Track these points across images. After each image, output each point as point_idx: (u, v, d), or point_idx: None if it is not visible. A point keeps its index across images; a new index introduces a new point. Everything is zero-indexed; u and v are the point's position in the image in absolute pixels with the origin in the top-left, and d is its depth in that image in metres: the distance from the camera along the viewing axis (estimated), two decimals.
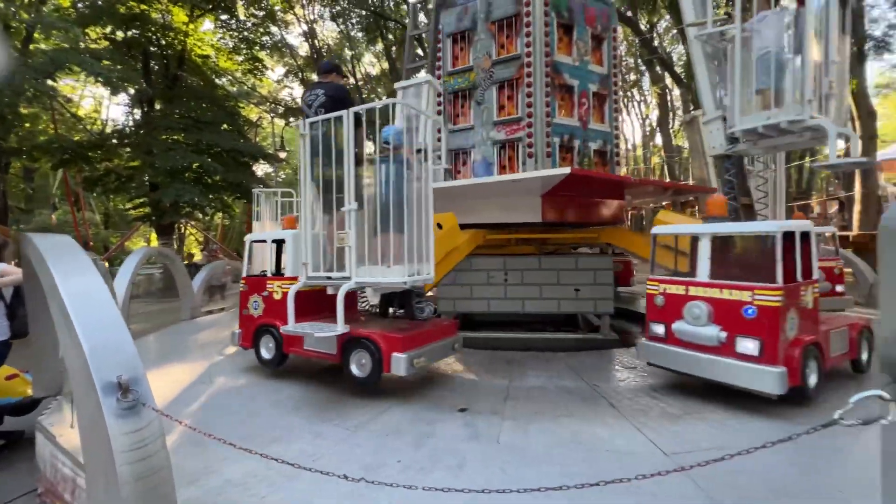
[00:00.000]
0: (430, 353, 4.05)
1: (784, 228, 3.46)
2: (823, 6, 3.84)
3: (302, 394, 4.10)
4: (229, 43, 19.70)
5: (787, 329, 3.39)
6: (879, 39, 19.25)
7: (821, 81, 3.86)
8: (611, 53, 7.02)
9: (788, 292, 3.40)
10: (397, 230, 3.58)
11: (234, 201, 18.86)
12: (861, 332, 4.22)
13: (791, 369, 3.32)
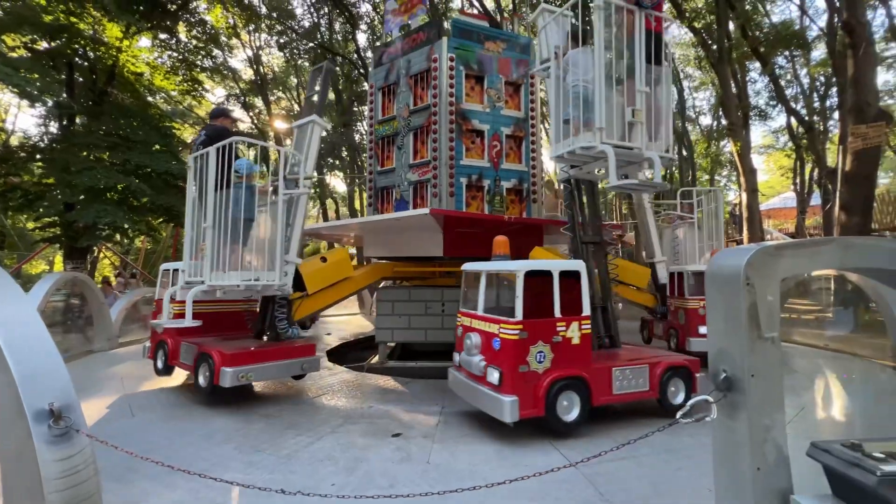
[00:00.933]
0: (264, 371, 4.69)
1: (528, 268, 3.70)
2: (621, 41, 4.12)
3: (234, 425, 4.05)
4: (167, 62, 19.06)
5: (531, 363, 3.58)
6: (761, 109, 22.81)
7: (622, 112, 4.07)
8: (528, 98, 7.49)
9: (531, 327, 3.59)
10: (234, 241, 4.41)
11: (162, 225, 17.76)
12: (666, 371, 4.13)
13: (524, 399, 3.51)
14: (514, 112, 7.41)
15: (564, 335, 3.73)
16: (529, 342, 3.61)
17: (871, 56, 10.40)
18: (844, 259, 1.74)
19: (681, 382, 4.25)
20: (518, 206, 7.36)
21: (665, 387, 4.17)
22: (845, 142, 10.30)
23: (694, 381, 4.31)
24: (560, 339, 3.72)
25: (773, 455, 1.64)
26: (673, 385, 4.23)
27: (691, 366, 4.31)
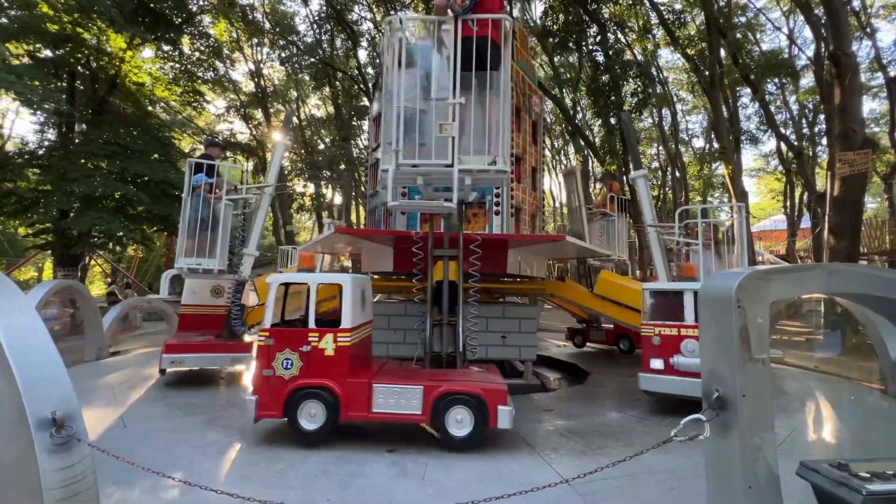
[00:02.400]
0: (195, 360, 5.85)
1: (280, 281, 4.16)
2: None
3: (228, 438, 4.02)
4: (169, 73, 19.26)
5: (277, 368, 3.89)
6: (752, 133, 23.37)
7: (431, 127, 3.78)
8: None
9: (278, 335, 3.92)
10: (189, 236, 5.73)
11: (156, 233, 17.70)
12: (443, 397, 3.77)
13: (265, 400, 3.84)
14: None
15: (316, 346, 3.90)
16: (276, 349, 3.90)
17: (856, 85, 10.77)
18: (830, 284, 1.82)
19: (468, 413, 3.76)
20: (482, 220, 7.13)
21: (442, 414, 3.77)
22: (834, 168, 10.58)
23: (491, 414, 3.72)
24: (309, 348, 3.89)
25: (764, 474, 1.69)
26: (458, 414, 3.79)
27: (487, 396, 3.76)
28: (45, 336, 2.25)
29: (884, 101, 22.68)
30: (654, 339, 5.02)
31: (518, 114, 7.66)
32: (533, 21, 20.70)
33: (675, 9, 17.53)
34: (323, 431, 3.82)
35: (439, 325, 4.95)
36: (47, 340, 2.25)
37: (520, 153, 7.57)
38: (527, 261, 7.47)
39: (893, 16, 21.54)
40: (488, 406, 3.75)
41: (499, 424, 3.72)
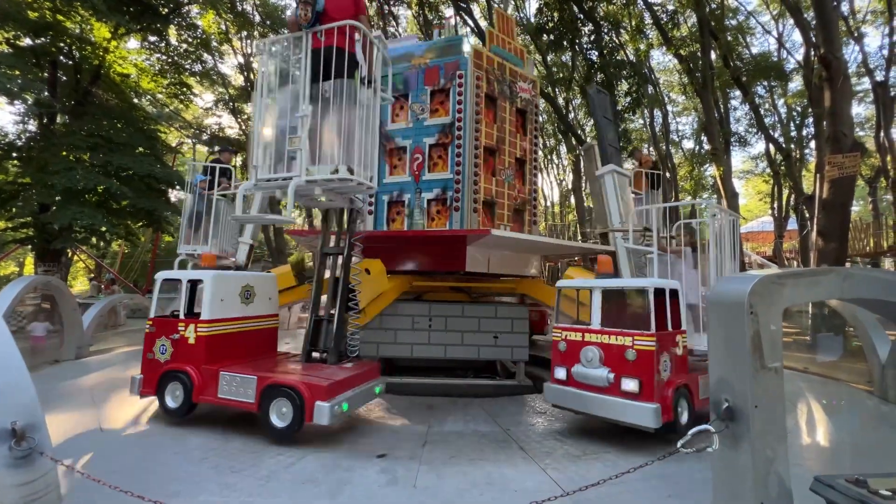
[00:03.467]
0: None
1: (162, 277, 4.94)
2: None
3: (211, 443, 3.86)
4: (155, 65, 18.82)
5: (156, 352, 4.60)
6: (741, 135, 23.59)
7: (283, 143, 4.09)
8: (455, 99, 6.91)
9: (158, 324, 4.63)
10: (188, 226, 6.38)
11: (141, 229, 17.30)
12: (269, 388, 3.92)
13: (146, 380, 4.53)
14: (441, 118, 7.02)
15: (182, 334, 4.46)
16: (156, 336, 4.57)
17: (846, 89, 10.85)
18: (844, 289, 1.74)
19: (288, 404, 3.83)
20: (445, 217, 6.89)
21: (267, 404, 3.90)
22: (823, 170, 10.66)
23: (308, 408, 3.74)
24: (178, 336, 4.46)
25: (776, 489, 1.61)
26: (282, 406, 3.86)
27: (306, 391, 3.78)
28: (6, 339, 2.08)
29: (870, 106, 23.06)
30: (560, 345, 4.50)
31: (493, 102, 7.19)
32: (527, 19, 20.63)
33: (668, 10, 17.56)
34: (181, 410, 4.33)
35: (321, 320, 4.83)
36: (9, 344, 2.08)
37: (491, 144, 7.06)
38: (506, 259, 7.21)
39: (880, 21, 21.87)
40: (306, 401, 3.77)
41: (315, 420, 3.72)
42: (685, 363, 4.42)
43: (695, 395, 4.33)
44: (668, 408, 3.90)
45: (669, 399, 3.93)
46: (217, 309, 4.55)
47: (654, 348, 3.91)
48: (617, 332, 4.14)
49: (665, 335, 4.10)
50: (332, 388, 3.85)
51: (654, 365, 3.89)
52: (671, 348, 4.16)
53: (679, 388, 4.09)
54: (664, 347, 4.05)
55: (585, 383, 4.20)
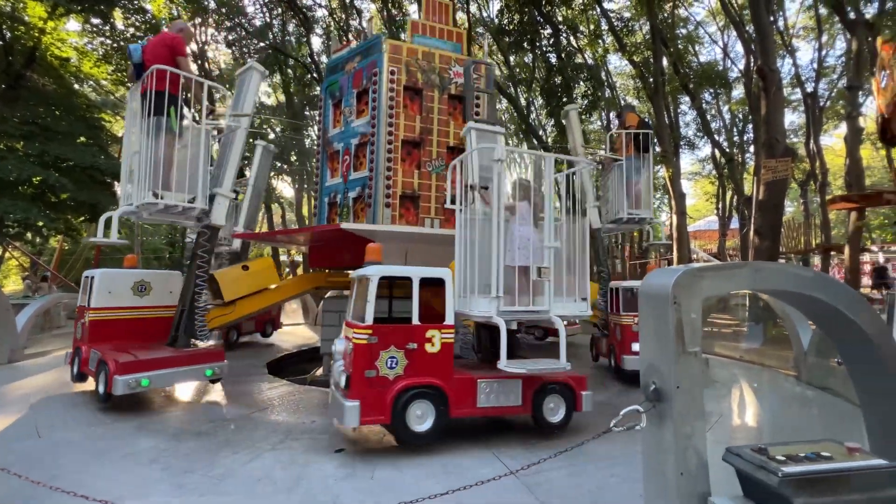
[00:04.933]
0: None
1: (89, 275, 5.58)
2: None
3: (162, 444, 3.75)
4: (99, 49, 17.66)
5: (76, 332, 5.49)
6: (690, 139, 24.94)
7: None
8: (371, 97, 6.83)
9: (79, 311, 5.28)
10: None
11: (84, 224, 16.24)
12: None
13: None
14: (362, 119, 7.03)
15: (83, 320, 5.36)
16: (77, 320, 5.59)
17: (780, 99, 11.76)
18: (756, 281, 1.96)
19: (103, 376, 4.61)
20: (365, 214, 6.87)
21: (98, 375, 4.70)
22: (759, 173, 11.51)
23: (110, 380, 4.41)
24: (83, 321, 5.37)
25: (694, 461, 1.79)
26: (103, 377, 4.62)
27: (111, 365, 4.44)
28: None
29: (801, 114, 25.00)
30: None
31: (418, 94, 7.01)
32: (489, 18, 20.89)
33: (623, 17, 18.28)
34: (74, 378, 5.21)
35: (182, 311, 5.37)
36: None
37: (413, 137, 6.84)
38: (434, 253, 6.62)
39: (811, 37, 23.73)
40: (110, 373, 4.43)
41: (112, 390, 4.37)
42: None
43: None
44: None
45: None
46: (103, 299, 5.32)
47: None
48: None
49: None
50: (132, 365, 4.50)
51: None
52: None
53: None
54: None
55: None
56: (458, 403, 3.79)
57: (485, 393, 3.89)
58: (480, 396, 3.88)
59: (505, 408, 3.97)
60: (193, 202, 4.88)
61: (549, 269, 3.99)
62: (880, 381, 2.21)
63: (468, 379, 3.87)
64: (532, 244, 4.08)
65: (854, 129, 14.58)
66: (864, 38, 13.67)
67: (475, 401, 3.86)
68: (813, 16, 21.17)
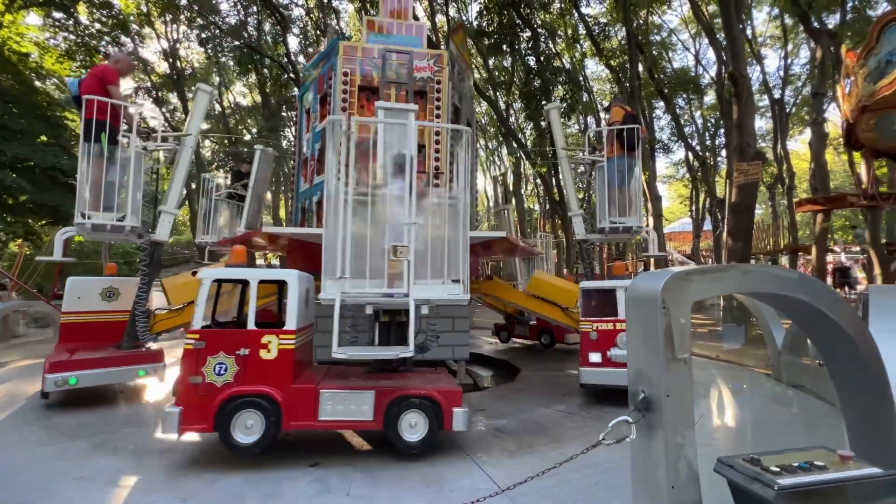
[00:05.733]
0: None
1: None
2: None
3: (122, 464, 3.49)
4: (63, 45, 16.91)
5: None
6: (664, 143, 25.53)
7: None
8: (328, 99, 6.81)
9: None
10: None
11: (45, 227, 15.46)
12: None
13: None
14: (322, 124, 6.96)
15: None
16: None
17: (751, 104, 12.11)
18: (743, 284, 1.91)
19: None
20: None
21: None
22: (731, 176, 11.80)
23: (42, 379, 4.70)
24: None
25: (685, 472, 1.72)
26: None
27: (46, 365, 4.69)
28: None
29: (769, 120, 25.91)
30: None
31: (374, 93, 6.81)
32: (468, 22, 20.92)
33: (601, 22, 18.57)
34: None
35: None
36: None
37: (367, 137, 6.76)
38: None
39: (777, 46, 24.66)
40: (44, 372, 4.68)
41: (44, 388, 4.69)
42: None
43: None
44: None
45: None
46: (73, 304, 5.65)
47: None
48: None
49: None
50: (62, 364, 4.75)
51: None
52: None
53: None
54: None
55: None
56: (294, 415, 3.49)
57: (329, 404, 3.55)
58: (324, 407, 3.55)
59: (352, 422, 3.60)
60: (123, 220, 5.16)
61: (406, 248, 3.60)
62: (860, 380, 2.20)
63: (309, 388, 3.57)
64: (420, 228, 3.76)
65: (819, 133, 15.14)
66: (827, 47, 14.23)
67: (316, 412, 3.54)
68: (779, 25, 22.00)
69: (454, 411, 3.64)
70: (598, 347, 5.31)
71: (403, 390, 3.67)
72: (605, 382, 5.24)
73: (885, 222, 16.46)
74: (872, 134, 8.49)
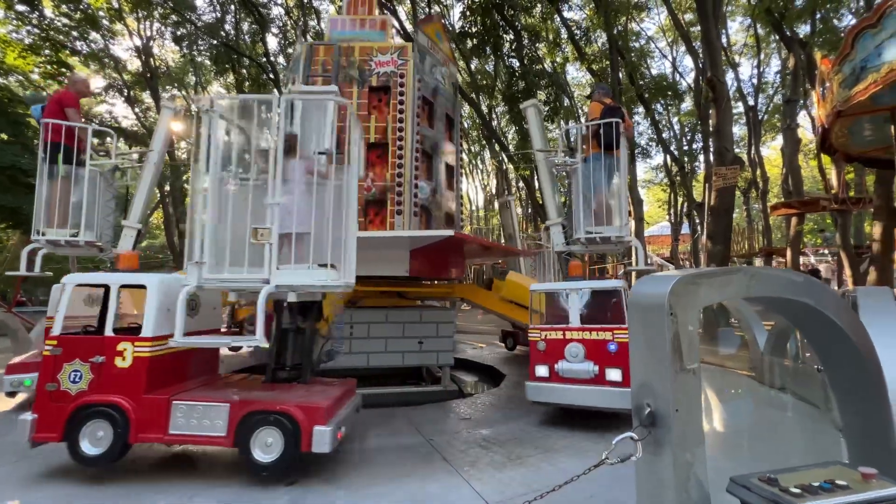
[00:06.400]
0: None
1: None
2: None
3: (75, 490, 3.18)
4: (27, 39, 16.13)
5: None
6: (644, 148, 25.97)
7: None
8: None
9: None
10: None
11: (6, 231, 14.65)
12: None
13: None
14: None
15: None
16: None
17: (729, 110, 12.33)
18: (751, 287, 1.79)
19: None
20: None
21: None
22: (711, 180, 11.98)
23: None
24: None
25: (696, 493, 1.58)
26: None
27: None
28: None
29: (743, 126, 26.64)
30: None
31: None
32: (451, 25, 20.88)
33: (582, 27, 18.76)
34: None
35: None
36: None
37: None
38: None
39: (750, 54, 25.41)
40: None
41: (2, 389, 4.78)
42: None
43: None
44: None
45: None
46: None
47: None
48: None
49: None
50: (18, 366, 4.85)
51: None
52: None
53: None
54: None
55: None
56: (143, 427, 3.30)
57: (181, 417, 3.33)
58: (175, 421, 3.33)
59: (204, 437, 3.33)
60: (76, 236, 5.26)
61: (268, 231, 3.35)
62: (860, 385, 2.12)
63: (161, 400, 3.36)
64: (296, 208, 3.51)
65: (793, 139, 15.56)
66: (799, 55, 14.67)
67: (167, 425, 3.33)
68: (752, 34, 22.65)
69: (315, 430, 3.22)
70: (546, 360, 4.71)
71: (258, 404, 3.33)
72: (551, 400, 4.68)
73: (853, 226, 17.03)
74: (846, 139, 8.70)
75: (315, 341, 4.27)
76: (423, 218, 6.50)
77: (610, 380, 4.41)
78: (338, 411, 3.54)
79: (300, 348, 4.04)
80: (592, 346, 4.57)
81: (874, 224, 10.84)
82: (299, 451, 3.22)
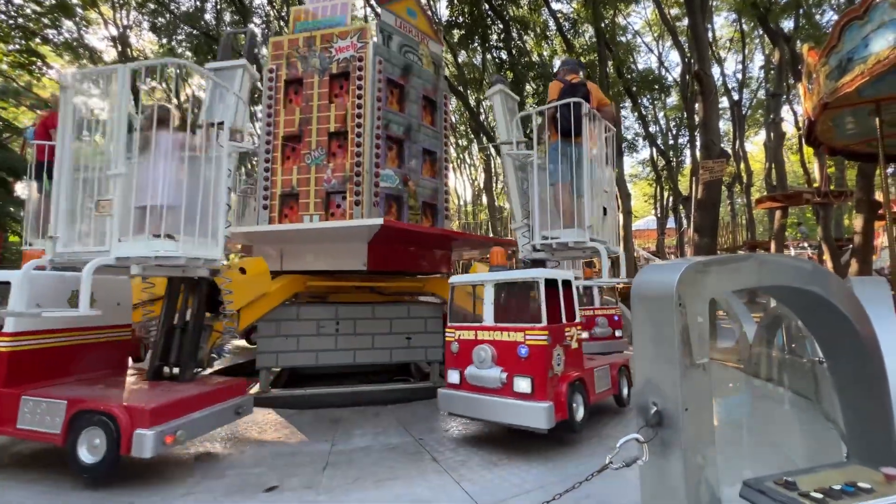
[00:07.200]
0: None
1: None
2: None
3: (40, 497, 2.97)
4: None
5: None
6: (631, 142, 26.08)
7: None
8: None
9: None
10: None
11: None
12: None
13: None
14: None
15: None
16: None
17: (715, 104, 12.36)
18: (761, 275, 1.68)
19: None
20: None
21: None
22: (698, 174, 12.01)
23: None
24: None
25: (707, 497, 1.47)
26: None
27: None
28: None
29: (728, 121, 26.93)
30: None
31: (299, 84, 6.43)
32: (438, 18, 20.59)
33: (570, 18, 18.66)
34: None
35: None
36: None
37: (293, 131, 6.32)
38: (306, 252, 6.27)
39: (735, 50, 25.64)
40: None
41: None
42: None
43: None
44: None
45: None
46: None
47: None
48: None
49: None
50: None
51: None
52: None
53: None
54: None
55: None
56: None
57: (27, 412, 3.26)
58: (23, 415, 3.26)
59: (42, 433, 3.22)
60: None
61: (110, 202, 3.28)
62: (863, 377, 2.03)
63: (13, 394, 3.33)
64: (167, 182, 3.44)
65: (777, 133, 15.71)
66: (783, 50, 14.78)
67: (16, 420, 3.28)
68: (737, 30, 22.84)
69: (136, 433, 3.00)
70: (458, 363, 4.06)
71: (88, 403, 3.19)
72: (460, 412, 4.01)
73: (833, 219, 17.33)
74: (831, 132, 8.75)
75: (204, 337, 4.12)
76: (391, 208, 6.27)
77: (518, 391, 3.64)
78: (183, 414, 3.31)
79: (183, 343, 3.90)
80: (502, 348, 3.80)
81: (856, 217, 10.98)
82: (119, 454, 3.04)
